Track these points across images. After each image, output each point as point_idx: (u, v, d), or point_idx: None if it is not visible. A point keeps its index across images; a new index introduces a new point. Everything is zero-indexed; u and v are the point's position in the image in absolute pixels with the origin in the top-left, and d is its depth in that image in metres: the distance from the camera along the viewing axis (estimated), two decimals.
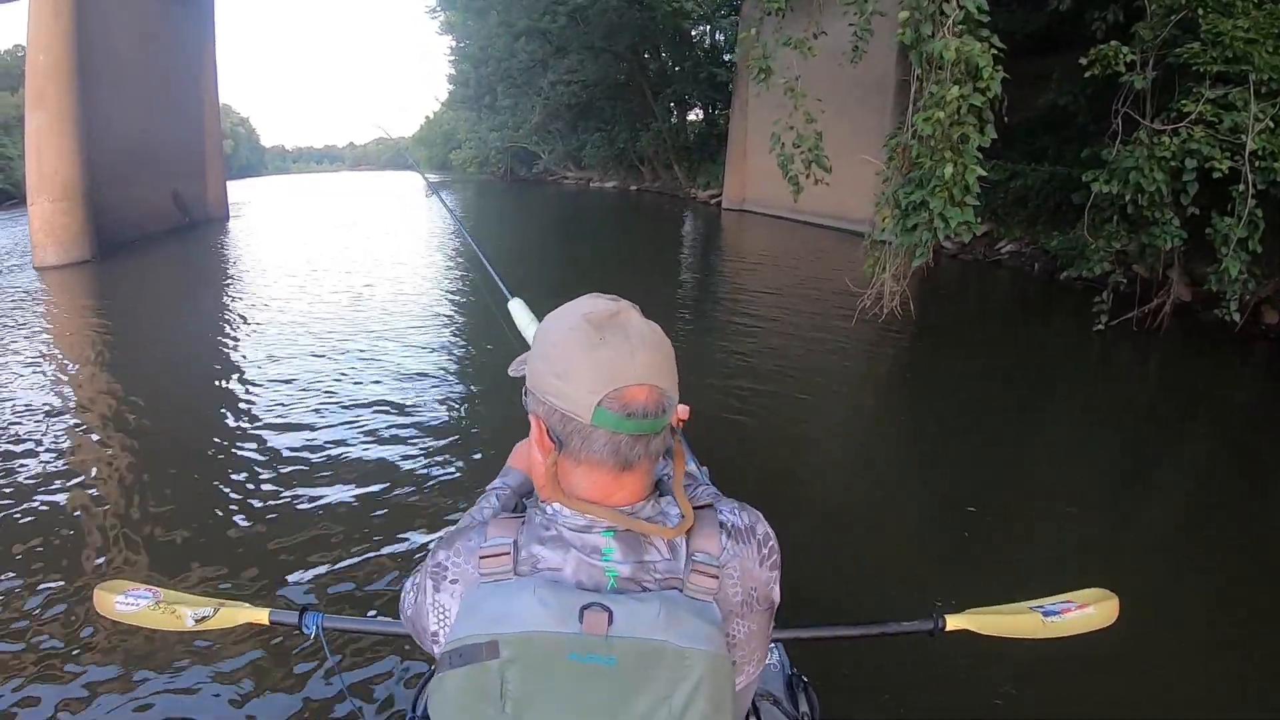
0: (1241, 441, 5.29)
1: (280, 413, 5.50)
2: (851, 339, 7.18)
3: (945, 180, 5.90)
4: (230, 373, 6.65)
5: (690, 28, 30.54)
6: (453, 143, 51.45)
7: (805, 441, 5.18)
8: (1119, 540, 3.81)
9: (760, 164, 22.09)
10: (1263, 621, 3.12)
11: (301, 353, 7.12)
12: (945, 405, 5.78)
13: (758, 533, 0.99)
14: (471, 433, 5.19)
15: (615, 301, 0.94)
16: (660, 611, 0.83)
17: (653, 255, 15.81)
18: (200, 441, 4.99)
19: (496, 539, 0.91)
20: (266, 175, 68.64)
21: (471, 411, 5.64)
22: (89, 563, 3.53)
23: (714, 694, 0.81)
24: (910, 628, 1.50)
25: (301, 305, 9.36)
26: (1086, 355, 7.27)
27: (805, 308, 9.06)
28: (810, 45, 7.32)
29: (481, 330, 7.93)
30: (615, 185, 34.42)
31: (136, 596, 1.52)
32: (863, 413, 6.00)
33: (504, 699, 0.79)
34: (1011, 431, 5.28)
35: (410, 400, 5.70)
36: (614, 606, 0.83)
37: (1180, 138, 6.55)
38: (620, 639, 0.81)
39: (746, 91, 22.43)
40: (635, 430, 0.88)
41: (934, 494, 4.38)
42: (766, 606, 0.98)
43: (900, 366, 6.86)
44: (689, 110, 32.49)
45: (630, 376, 0.88)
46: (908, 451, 5.12)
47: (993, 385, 6.37)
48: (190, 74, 17.38)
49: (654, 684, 0.80)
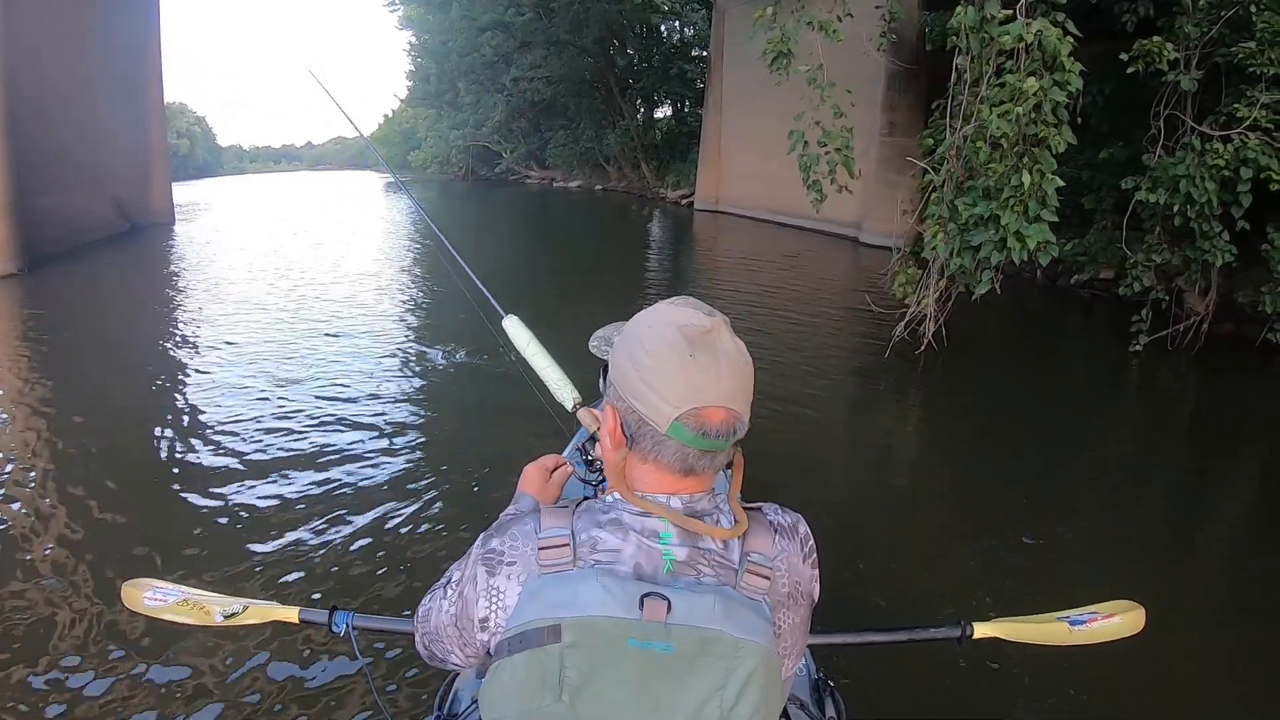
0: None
1: (230, 429, 5.14)
2: (883, 369, 6.52)
3: (1024, 190, 4.97)
4: (169, 390, 6.15)
5: (660, 22, 29.73)
6: (412, 142, 50.18)
7: (834, 464, 5.03)
8: (1147, 555, 3.82)
9: (736, 163, 21.36)
10: None
11: (245, 368, 6.61)
12: (970, 423, 5.59)
13: (799, 532, 1.02)
14: (408, 439, 5.02)
15: (711, 316, 0.93)
16: (716, 603, 0.85)
17: (627, 259, 15.12)
18: (138, 469, 4.65)
19: (553, 529, 0.92)
20: (223, 176, 66.83)
21: (425, 412, 5.55)
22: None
23: (765, 686, 0.84)
24: (938, 634, 1.50)
25: (245, 317, 8.67)
26: (1122, 373, 6.82)
27: (824, 330, 8.46)
28: (836, 29, 6.52)
29: (441, 331, 7.81)
30: (580, 185, 33.49)
31: (165, 593, 1.51)
32: (891, 430, 5.74)
33: (562, 686, 0.81)
34: (1046, 450, 5.08)
35: (369, 419, 5.35)
36: (672, 596, 0.84)
37: (1233, 145, 6.02)
38: (678, 626, 0.83)
39: (720, 87, 21.67)
40: (706, 448, 0.91)
41: (965, 509, 4.36)
42: (809, 602, 1.00)
43: (931, 385, 6.25)
44: (657, 107, 31.73)
45: (712, 398, 0.89)
46: (939, 469, 5.03)
47: (1024, 401, 6.09)
48: (132, 72, 16.27)
49: (709, 673, 0.82)
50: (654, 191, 27.30)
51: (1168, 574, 3.70)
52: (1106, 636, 1.49)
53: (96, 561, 3.48)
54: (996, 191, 5.12)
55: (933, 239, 5.44)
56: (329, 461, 4.56)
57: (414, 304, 10.05)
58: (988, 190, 5.20)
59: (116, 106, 15.62)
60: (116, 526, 3.85)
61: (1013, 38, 4.89)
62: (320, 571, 3.43)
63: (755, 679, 0.83)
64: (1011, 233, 4.98)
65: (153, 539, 3.71)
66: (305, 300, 9.57)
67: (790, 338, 7.92)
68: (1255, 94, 6.05)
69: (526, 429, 4.28)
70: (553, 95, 31.13)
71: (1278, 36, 5.82)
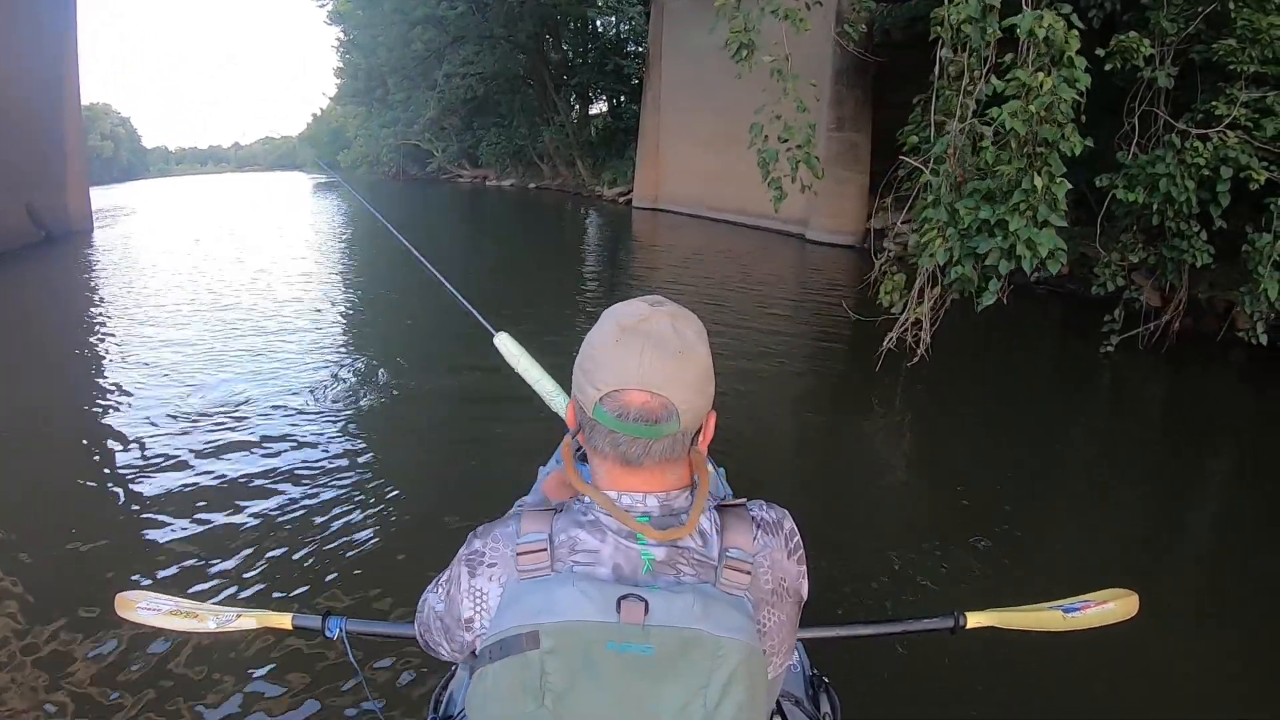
0: (1260, 455, 5.20)
1: (161, 446, 4.78)
2: (864, 376, 6.27)
3: (1037, 193, 4.60)
4: (84, 413, 5.61)
5: (595, 16, 29.12)
6: (341, 141, 48.53)
7: (823, 464, 4.95)
8: (1140, 545, 3.84)
9: (676, 160, 20.93)
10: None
11: (173, 386, 6.08)
12: (952, 422, 5.50)
13: (784, 528, 1.00)
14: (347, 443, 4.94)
15: (655, 306, 0.93)
16: (695, 603, 0.84)
17: (566, 260, 14.70)
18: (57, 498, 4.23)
19: (531, 534, 0.92)
20: (149, 178, 64.40)
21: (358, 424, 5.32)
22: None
23: (749, 684, 0.83)
24: (931, 625, 1.48)
25: (170, 333, 8.00)
26: (1095, 373, 6.75)
27: (799, 337, 8.23)
28: (803, 17, 6.12)
29: (398, 342, 7.61)
30: (513, 184, 32.78)
31: (158, 603, 1.52)
32: (878, 427, 5.64)
33: (544, 692, 0.80)
34: (1023, 448, 5.02)
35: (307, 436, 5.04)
36: (650, 597, 0.83)
37: (1213, 143, 5.90)
38: (657, 628, 0.82)
39: (659, 83, 21.23)
40: (631, 433, 0.89)
41: (947, 507, 4.25)
42: (796, 599, 0.98)
43: (913, 388, 5.99)
44: (592, 104, 31.17)
45: (632, 380, 0.88)
46: (925, 466, 5.00)
47: (1001, 401, 6.08)
48: (45, 72, 15.04)
49: (690, 673, 0.81)
50: (590, 190, 26.82)
51: (1157, 567, 3.69)
52: (1101, 622, 1.48)
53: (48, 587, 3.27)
54: (1004, 195, 4.79)
55: (929, 244, 5.05)
56: (283, 477, 4.35)
57: (362, 311, 9.52)
58: (990, 192, 4.87)
59: (29, 108, 14.50)
60: (57, 553, 3.57)
61: (1023, 30, 4.58)
62: (286, 580, 3.36)
63: (738, 678, 0.81)
64: (1023, 240, 4.64)
65: (102, 559, 3.53)
66: (233, 311, 8.91)
67: (755, 340, 7.63)
68: (1234, 92, 5.96)
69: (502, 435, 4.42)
70: (485, 92, 30.29)
71: (1258, 34, 5.72)
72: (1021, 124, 4.54)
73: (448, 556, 1.00)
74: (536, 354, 1.64)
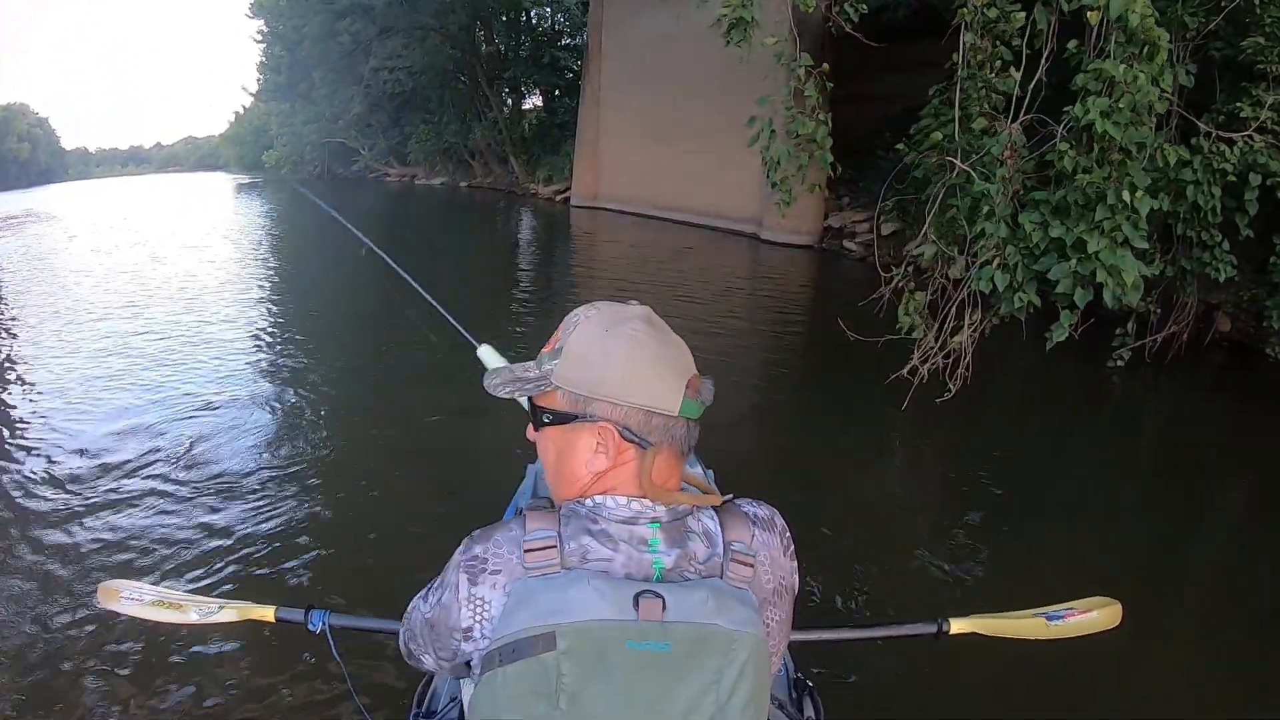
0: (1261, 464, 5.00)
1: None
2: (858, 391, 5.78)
3: (1125, 208, 3.93)
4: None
5: (530, 7, 28.08)
6: (265, 140, 46.60)
7: (805, 474, 4.71)
8: (1125, 552, 3.76)
9: (617, 156, 20.07)
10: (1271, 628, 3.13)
11: (72, 401, 5.81)
12: (950, 432, 5.19)
13: (777, 525, 1.00)
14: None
15: (629, 305, 0.95)
16: (708, 597, 0.83)
17: (504, 264, 13.85)
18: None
19: (539, 531, 0.89)
20: (67, 181, 62.30)
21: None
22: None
23: (756, 677, 0.83)
24: (915, 630, 1.48)
25: (87, 343, 7.60)
26: (1103, 385, 6.38)
27: (786, 352, 7.73)
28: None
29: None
30: (444, 182, 31.71)
31: (141, 592, 1.51)
32: (867, 437, 5.37)
33: (559, 694, 0.78)
34: (1020, 458, 4.86)
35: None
36: (665, 594, 0.82)
37: (1239, 147, 5.50)
38: (675, 624, 0.81)
39: (599, 76, 20.33)
40: (698, 414, 0.92)
41: (937, 511, 4.27)
42: (791, 596, 0.98)
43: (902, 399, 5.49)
44: (526, 98, 30.16)
45: (690, 367, 0.92)
46: (912, 473, 4.99)
47: (998, 409, 5.84)
48: None
49: (704, 669, 0.80)
50: (524, 187, 25.97)
51: (1144, 578, 3.59)
52: (1083, 631, 1.49)
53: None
54: (1080, 209, 4.09)
55: (986, 265, 4.35)
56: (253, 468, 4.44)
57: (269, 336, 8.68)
58: (1060, 205, 4.17)
59: None
60: (39, 544, 3.62)
61: (1113, 13, 3.96)
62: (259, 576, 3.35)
63: (748, 671, 0.82)
64: (1105, 265, 3.96)
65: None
66: (156, 317, 8.58)
67: (752, 351, 7.16)
68: (1259, 93, 5.57)
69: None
70: (414, 87, 28.96)
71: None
72: (1115, 126, 3.92)
73: (431, 551, 1.00)
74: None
